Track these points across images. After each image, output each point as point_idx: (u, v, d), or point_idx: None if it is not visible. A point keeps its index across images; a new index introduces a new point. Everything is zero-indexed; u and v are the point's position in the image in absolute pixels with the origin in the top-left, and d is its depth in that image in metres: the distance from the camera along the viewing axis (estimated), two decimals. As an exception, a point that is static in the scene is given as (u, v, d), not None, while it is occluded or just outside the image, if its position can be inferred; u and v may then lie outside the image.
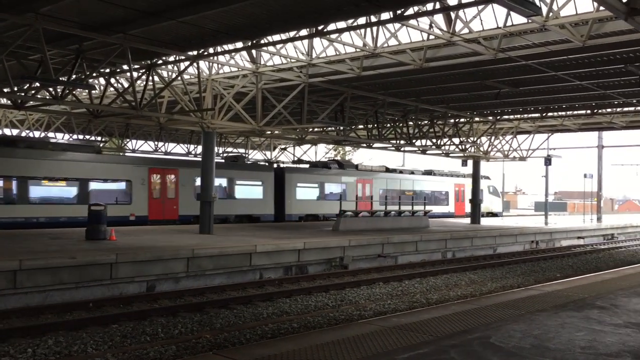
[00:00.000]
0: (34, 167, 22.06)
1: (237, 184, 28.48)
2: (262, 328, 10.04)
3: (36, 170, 22.12)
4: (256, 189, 29.19)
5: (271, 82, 20.30)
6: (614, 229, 34.58)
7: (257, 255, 15.44)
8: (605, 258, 23.27)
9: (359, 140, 28.00)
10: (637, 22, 7.40)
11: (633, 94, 20.54)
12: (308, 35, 14.57)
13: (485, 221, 33.71)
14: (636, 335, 6.30)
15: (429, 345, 5.75)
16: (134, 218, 24.56)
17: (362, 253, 18.50)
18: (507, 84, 19.28)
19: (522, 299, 8.51)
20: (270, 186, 29.67)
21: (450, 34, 14.15)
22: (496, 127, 29.50)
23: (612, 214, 72.27)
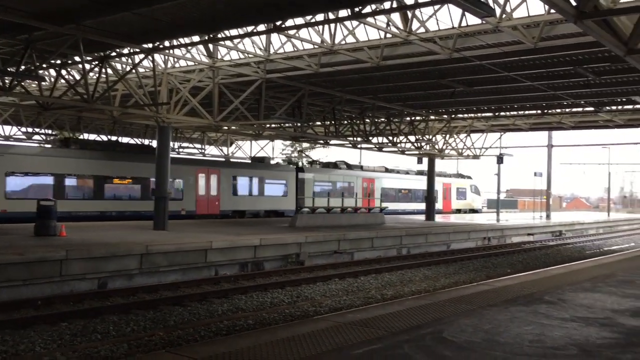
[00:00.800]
0: (108, 167, 25.02)
1: (266, 182, 31.72)
2: (217, 325, 9.95)
3: (109, 170, 25.10)
4: (281, 187, 32.81)
5: (228, 77, 20.12)
6: (562, 226, 35.67)
7: (212, 251, 15.30)
8: (554, 254, 23.99)
9: (316, 137, 28.06)
10: (586, 26, 7.63)
11: (581, 95, 21.20)
12: (266, 31, 14.49)
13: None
14: (582, 329, 6.51)
15: (383, 340, 5.81)
16: (184, 213, 27.31)
17: (319, 249, 18.56)
18: (461, 83, 19.63)
19: (474, 294, 8.69)
20: (292, 184, 33.05)
21: (407, 32, 14.31)
22: (451, 126, 30.02)
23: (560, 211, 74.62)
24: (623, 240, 33.96)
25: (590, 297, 8.56)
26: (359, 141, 28.04)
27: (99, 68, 16.72)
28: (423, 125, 29.15)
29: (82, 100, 16.50)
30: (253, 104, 22.52)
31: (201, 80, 19.78)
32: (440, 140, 31.16)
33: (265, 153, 39.98)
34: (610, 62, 15.76)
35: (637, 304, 8.11)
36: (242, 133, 29.56)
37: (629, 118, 26.46)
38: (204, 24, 13.15)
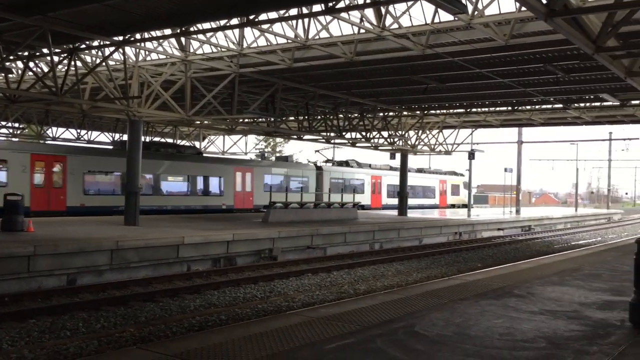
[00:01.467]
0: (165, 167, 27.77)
1: (291, 179, 34.81)
2: (189, 321, 9.88)
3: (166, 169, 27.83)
4: (305, 182, 35.82)
5: (201, 71, 19.93)
6: (531, 221, 36.27)
7: (184, 247, 15.18)
8: (523, 248, 24.38)
9: (290, 131, 28.02)
10: (556, 23, 7.74)
11: (551, 92, 21.54)
12: (239, 25, 14.37)
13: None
14: (550, 321, 6.64)
15: (355, 335, 5.84)
16: (225, 207, 30.20)
17: (292, 244, 18.55)
18: (434, 79, 19.77)
19: (445, 289, 8.79)
20: (313, 180, 36.51)
21: (381, 28, 14.35)
22: (423, 122, 30.25)
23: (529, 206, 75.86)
24: (590, 234, 34.67)
25: (558, 291, 8.73)
26: (332, 136, 28.06)
27: (67, 60, 16.40)
28: (396, 120, 29.31)
29: (50, 93, 16.18)
30: (226, 99, 22.35)
31: (173, 73, 19.55)
32: (412, 136, 31.38)
33: (238, 148, 39.83)
34: (579, 59, 16.03)
35: (604, 297, 8.29)
36: (215, 128, 29.40)
37: (597, 115, 27.00)
38: (176, 17, 12.98)
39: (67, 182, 24.07)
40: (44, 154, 23.67)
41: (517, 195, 45.22)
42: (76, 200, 24.42)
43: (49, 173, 23.61)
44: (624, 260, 13.08)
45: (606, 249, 16.87)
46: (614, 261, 13.19)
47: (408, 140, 31.09)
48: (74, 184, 24.28)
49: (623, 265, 12.10)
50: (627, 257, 13.32)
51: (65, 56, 16.39)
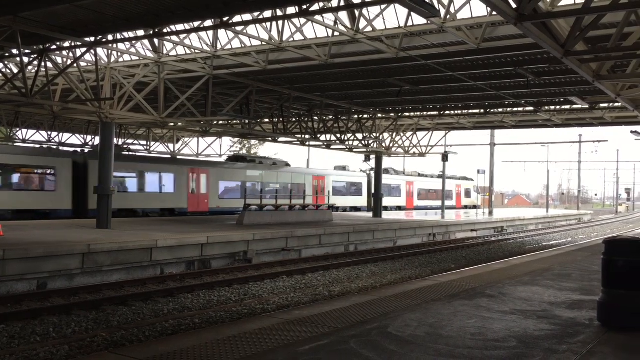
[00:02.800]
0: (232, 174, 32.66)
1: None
2: (162, 324, 9.80)
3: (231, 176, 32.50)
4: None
5: (174, 73, 19.78)
6: (504, 222, 36.76)
7: (158, 250, 15.04)
8: (496, 249, 24.70)
9: (265, 134, 27.97)
10: (526, 28, 7.88)
11: (522, 95, 21.88)
12: (213, 26, 14.31)
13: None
14: (521, 321, 6.74)
15: (329, 336, 5.86)
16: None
17: (267, 247, 18.51)
18: (407, 82, 19.93)
19: (419, 289, 8.86)
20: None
21: (355, 31, 14.41)
22: (397, 124, 30.45)
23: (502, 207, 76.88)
24: (560, 235, 35.27)
25: (529, 291, 8.87)
26: (307, 138, 28.08)
27: (38, 61, 16.12)
28: (370, 123, 29.45)
29: (20, 95, 15.90)
30: (200, 101, 22.21)
31: (146, 75, 19.37)
32: (387, 138, 31.56)
33: (213, 150, 39.54)
34: (549, 63, 16.32)
35: (573, 297, 8.45)
36: (189, 130, 29.20)
37: (566, 118, 27.48)
38: (149, 18, 12.86)
39: (210, 189, 31.07)
40: (196, 168, 30.61)
41: (490, 197, 45.79)
42: (214, 203, 31.39)
43: (198, 183, 30.55)
44: (593, 260, 13.34)
45: (576, 250, 17.18)
46: (584, 261, 13.44)
47: (382, 143, 31.26)
48: (213, 191, 31.29)
49: (592, 265, 12.34)
50: (596, 257, 13.59)
51: (36, 57, 16.11)
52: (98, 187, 19.04)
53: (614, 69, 14.95)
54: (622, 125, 27.69)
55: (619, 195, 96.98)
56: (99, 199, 18.90)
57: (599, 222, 55.13)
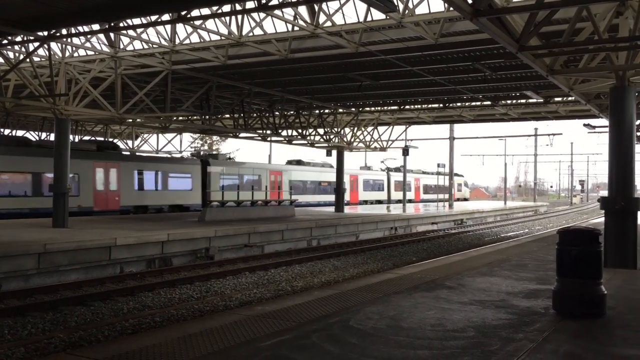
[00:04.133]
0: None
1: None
2: (122, 324, 9.64)
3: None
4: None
5: (132, 68, 19.43)
6: (463, 215, 37.38)
7: (117, 248, 14.78)
8: (456, 242, 25.11)
9: (225, 129, 27.73)
10: (481, 23, 8.01)
11: (479, 89, 22.26)
12: (171, 21, 14.08)
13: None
14: (479, 311, 6.88)
15: (291, 331, 5.86)
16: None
17: (229, 243, 18.39)
18: (368, 77, 20.05)
19: (380, 282, 8.94)
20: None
21: (314, 26, 14.42)
22: (358, 119, 30.61)
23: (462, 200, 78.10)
24: (518, 226, 36.10)
25: (487, 281, 9.05)
26: (268, 134, 27.97)
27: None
28: (332, 118, 29.53)
29: (-31, 91, 15.37)
30: (159, 96, 21.88)
31: (102, 70, 18.97)
32: (348, 133, 31.70)
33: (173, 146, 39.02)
34: (505, 58, 16.64)
35: (529, 286, 8.66)
36: (148, 126, 28.70)
37: (523, 112, 28.09)
38: (104, 12, 12.57)
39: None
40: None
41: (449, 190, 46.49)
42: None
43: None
44: (548, 250, 13.69)
45: (533, 240, 17.61)
46: (540, 251, 13.80)
47: (344, 137, 31.39)
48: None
49: (548, 255, 12.66)
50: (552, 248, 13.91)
51: (-15, 51, 15.60)
52: (53, 185, 18.57)
53: (566, 64, 15.35)
54: (576, 119, 28.47)
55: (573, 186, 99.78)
56: (54, 197, 18.44)
57: (555, 213, 56.62)
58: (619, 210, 10.72)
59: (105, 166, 27.14)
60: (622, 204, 10.68)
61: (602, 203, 11.13)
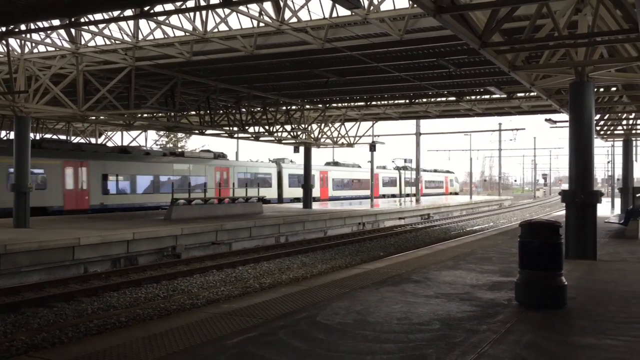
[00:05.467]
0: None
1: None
2: (86, 325, 9.49)
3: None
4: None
5: (94, 64, 19.04)
6: (430, 209, 37.82)
7: (80, 248, 14.52)
8: (422, 236, 25.39)
9: (191, 126, 27.47)
10: (444, 20, 8.09)
11: (444, 85, 22.50)
12: (133, 16, 13.85)
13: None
14: (444, 304, 6.97)
15: (258, 328, 5.85)
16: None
17: (196, 241, 18.24)
18: (334, 73, 20.06)
19: (348, 278, 8.99)
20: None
21: (279, 22, 14.35)
22: (325, 115, 30.64)
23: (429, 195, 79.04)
24: (483, 220, 36.69)
25: (453, 275, 9.18)
26: (235, 130, 27.80)
27: (-57, 52, 15.14)
28: (299, 114, 29.49)
29: None
30: (122, 93, 21.51)
31: (63, 67, 18.55)
32: (315, 129, 31.70)
33: (137, 144, 38.45)
34: (468, 54, 16.84)
35: (493, 279, 8.82)
36: (112, 123, 28.27)
37: (487, 107, 28.49)
38: (64, 7, 12.29)
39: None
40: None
41: (416, 185, 46.95)
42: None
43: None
44: (512, 243, 13.94)
45: (497, 234, 17.93)
46: (503, 244, 14.06)
47: (311, 134, 31.39)
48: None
49: (511, 248, 12.90)
50: (515, 240, 14.12)
51: (-60, 47, 15.12)
52: (15, 185, 18.12)
53: (528, 60, 15.60)
54: (538, 114, 29.01)
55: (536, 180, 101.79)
56: (15, 196, 18.00)
57: (519, 206, 57.70)
58: (579, 203, 10.97)
59: (221, 170, 36.12)
60: (582, 196, 10.93)
61: (563, 196, 11.38)
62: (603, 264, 10.60)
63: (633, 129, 26.27)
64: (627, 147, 27.86)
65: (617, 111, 21.67)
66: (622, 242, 14.35)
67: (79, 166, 27.12)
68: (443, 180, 71.85)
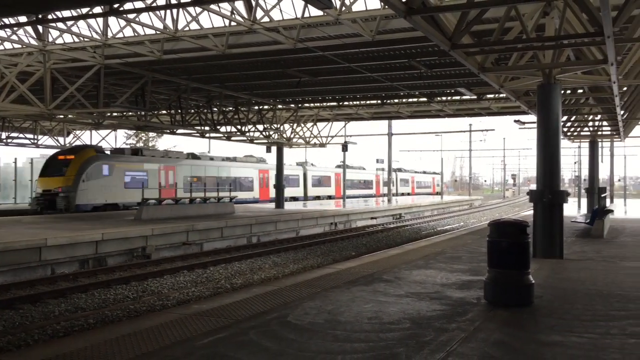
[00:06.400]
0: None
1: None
2: (53, 327, 9.32)
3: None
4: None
5: (62, 62, 18.72)
6: (402, 209, 38.07)
7: (47, 249, 14.24)
8: (394, 236, 25.55)
9: (162, 126, 27.17)
10: (415, 21, 8.16)
11: (415, 86, 22.69)
12: (102, 14, 13.66)
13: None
14: (414, 303, 7.03)
15: (228, 328, 5.82)
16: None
17: (166, 242, 18.05)
18: (306, 73, 20.07)
19: (319, 278, 9.00)
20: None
21: (251, 21, 14.30)
22: (298, 115, 30.63)
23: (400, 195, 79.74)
24: (454, 220, 37.09)
25: (423, 274, 9.26)
26: (206, 130, 27.60)
27: None
28: (271, 114, 29.42)
29: None
30: (92, 91, 21.18)
31: (30, 64, 18.18)
32: (288, 129, 31.67)
33: (107, 143, 37.94)
34: (439, 56, 17.02)
35: (463, 278, 8.92)
36: (81, 122, 27.83)
37: (457, 108, 28.84)
38: (31, 3, 12.04)
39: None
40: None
41: (388, 185, 47.25)
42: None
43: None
44: (481, 242, 14.12)
45: (467, 233, 18.14)
46: (473, 244, 14.24)
47: (283, 134, 31.34)
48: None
49: (480, 247, 13.06)
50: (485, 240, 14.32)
51: None
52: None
53: (497, 62, 15.86)
54: (507, 115, 29.44)
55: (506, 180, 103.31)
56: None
57: (489, 206, 58.48)
58: (547, 203, 11.17)
59: (262, 172, 41.90)
60: (550, 196, 11.13)
61: (531, 196, 11.57)
62: (569, 262, 10.81)
63: (599, 131, 26.86)
64: (593, 148, 28.47)
65: (583, 113, 22.13)
66: (588, 241, 14.66)
67: (169, 169, 33.14)
68: (431, 180, 77.54)
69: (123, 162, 29.93)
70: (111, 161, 29.14)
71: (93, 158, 28.16)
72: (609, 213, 18.71)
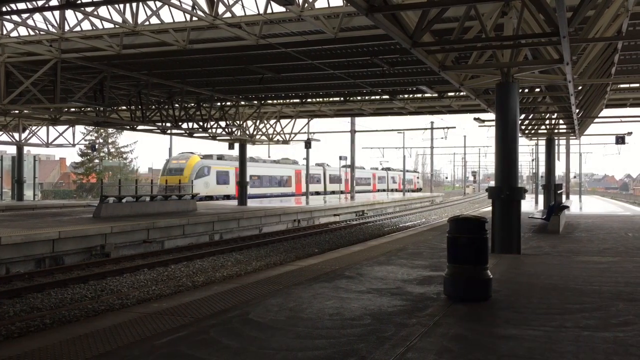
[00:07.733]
0: None
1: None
2: (8, 328, 9.08)
3: None
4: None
5: (16, 56, 18.19)
6: (364, 206, 38.32)
7: (1, 247, 13.84)
8: (357, 232, 25.70)
9: (122, 122, 26.67)
10: (376, 19, 8.20)
11: (378, 84, 22.83)
12: (59, 6, 13.34)
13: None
14: (376, 299, 7.09)
15: (189, 327, 5.76)
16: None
17: (126, 240, 17.75)
18: (269, 69, 19.98)
19: (282, 275, 8.98)
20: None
21: (213, 16, 14.15)
22: (261, 112, 30.48)
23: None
24: (415, 216, 37.51)
25: (385, 270, 9.34)
26: (168, 127, 27.21)
27: None
28: (233, 110, 29.20)
29: None
30: (48, 86, 20.65)
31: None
32: (250, 126, 31.48)
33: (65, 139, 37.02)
34: (401, 54, 17.15)
35: (423, 273, 9.03)
36: (37, 117, 27.16)
37: (419, 106, 29.13)
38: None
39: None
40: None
41: (351, 182, 47.47)
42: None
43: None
44: (442, 238, 14.31)
45: (428, 229, 18.37)
46: (434, 240, 14.43)
47: (246, 130, 31.15)
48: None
49: (441, 243, 13.25)
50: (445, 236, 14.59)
51: None
52: None
53: (457, 60, 16.08)
54: (467, 113, 29.88)
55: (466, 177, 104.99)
56: None
57: (450, 203, 59.36)
58: (504, 199, 11.40)
59: (296, 172, 51.40)
60: (507, 193, 11.35)
61: (489, 192, 11.78)
62: (526, 257, 11.06)
63: (555, 129, 27.53)
64: (550, 145, 29.19)
65: (540, 111, 22.64)
66: (544, 237, 15.03)
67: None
68: (412, 178, 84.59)
69: (214, 165, 40.97)
70: (209, 164, 40.41)
71: (199, 163, 39.67)
72: (564, 209, 19.19)
